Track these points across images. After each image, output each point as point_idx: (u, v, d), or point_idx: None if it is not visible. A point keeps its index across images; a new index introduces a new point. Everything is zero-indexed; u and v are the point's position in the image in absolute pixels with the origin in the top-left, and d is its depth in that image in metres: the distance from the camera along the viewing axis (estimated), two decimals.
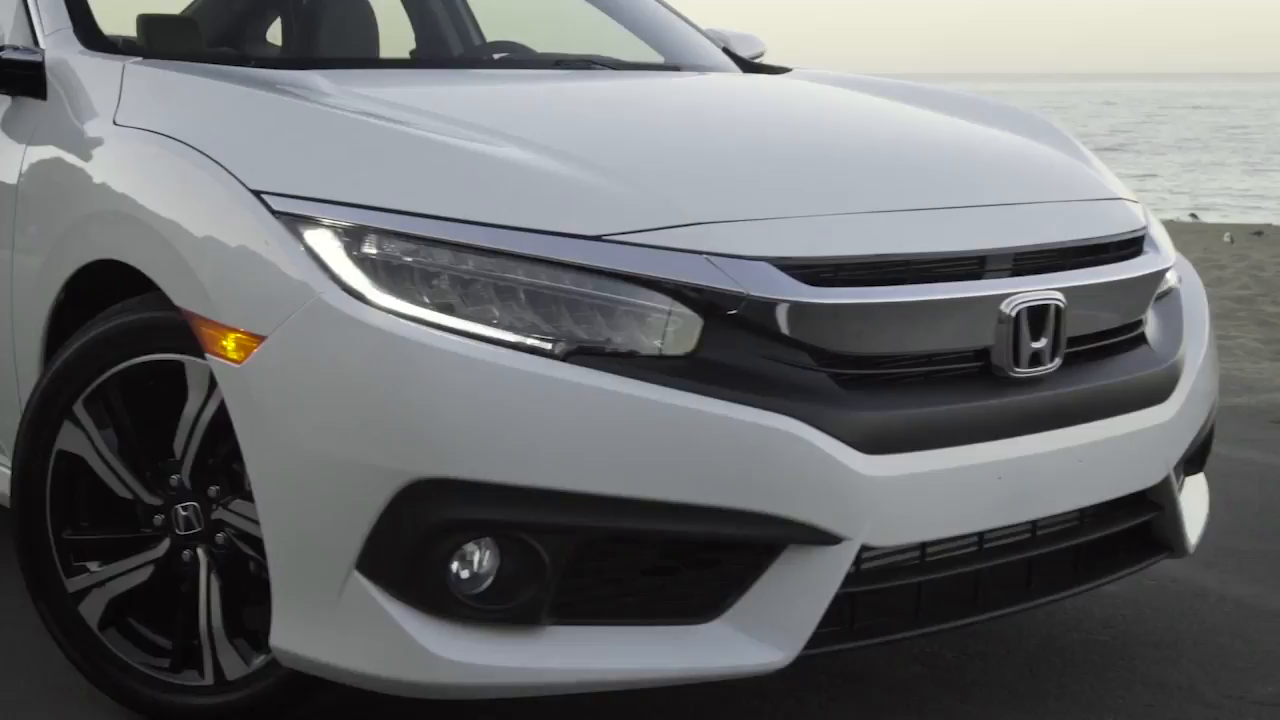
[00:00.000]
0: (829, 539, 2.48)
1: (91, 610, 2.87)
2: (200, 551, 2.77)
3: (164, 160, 2.75)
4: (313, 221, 2.51)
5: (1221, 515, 4.20)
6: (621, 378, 2.41)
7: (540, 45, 4.62)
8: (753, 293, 2.46)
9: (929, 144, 3.18)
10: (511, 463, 2.38)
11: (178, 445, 2.76)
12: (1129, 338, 2.94)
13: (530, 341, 2.42)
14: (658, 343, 2.46)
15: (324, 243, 2.49)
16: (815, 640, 2.52)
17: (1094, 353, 2.86)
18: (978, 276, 2.69)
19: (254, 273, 2.53)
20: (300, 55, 4.43)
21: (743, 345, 2.48)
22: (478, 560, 2.44)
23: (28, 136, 3.19)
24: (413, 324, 2.41)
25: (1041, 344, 2.69)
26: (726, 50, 4.26)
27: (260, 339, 2.50)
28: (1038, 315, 2.69)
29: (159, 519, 2.81)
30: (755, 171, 2.78)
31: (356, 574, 2.44)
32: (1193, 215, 18.65)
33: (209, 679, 2.79)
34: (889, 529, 2.53)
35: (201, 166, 2.66)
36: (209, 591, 2.77)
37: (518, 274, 2.45)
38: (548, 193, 2.55)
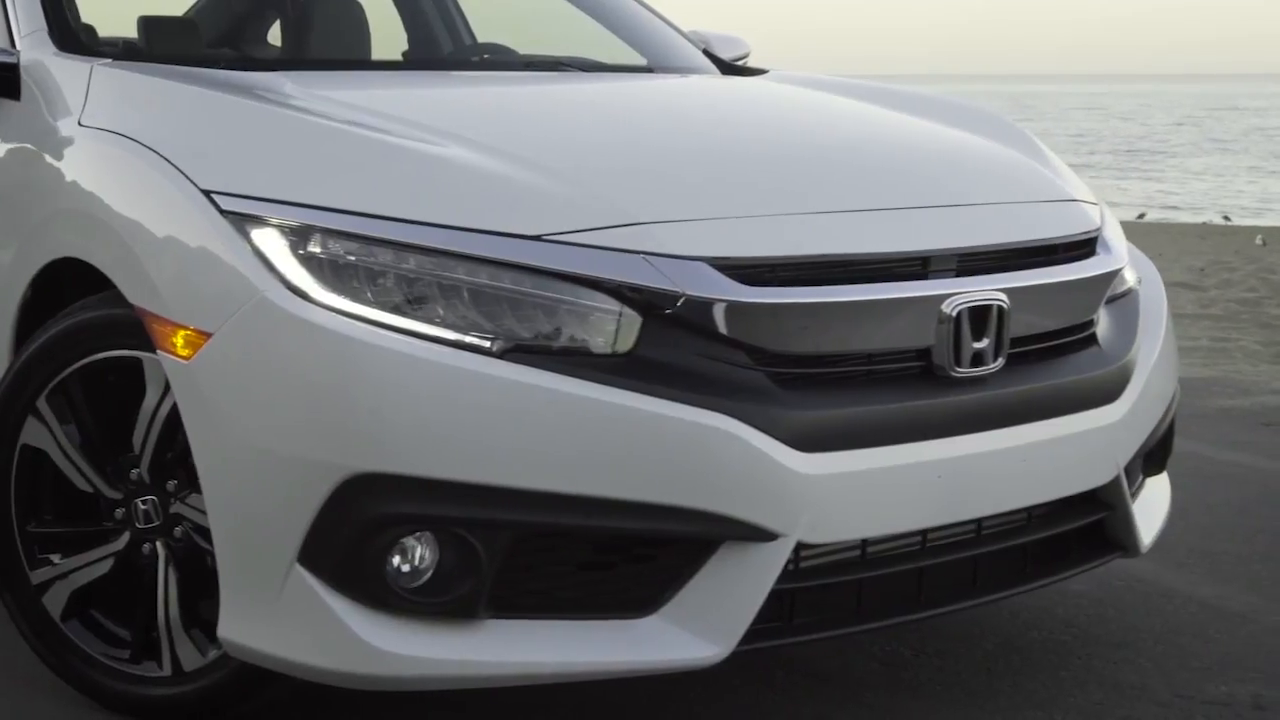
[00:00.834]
0: (764, 536, 2.51)
1: (54, 602, 2.93)
2: (159, 544, 2.82)
3: (123, 161, 2.80)
4: (260, 221, 2.56)
5: (1199, 516, 4.24)
6: (559, 375, 2.45)
7: (528, 48, 4.67)
8: (689, 292, 2.50)
9: (883, 145, 3.21)
10: (448, 458, 2.42)
11: (136, 440, 2.81)
12: (1078, 338, 2.96)
13: (469, 340, 2.46)
14: (597, 341, 2.50)
15: (270, 242, 2.53)
16: (751, 636, 2.55)
17: (1041, 353, 2.88)
18: (921, 277, 2.72)
19: (202, 271, 2.58)
20: (291, 57, 4.48)
21: (681, 344, 2.52)
22: (416, 554, 2.49)
23: (1, 135, 3.25)
24: (353, 321, 2.45)
25: (984, 344, 2.72)
26: (707, 52, 4.29)
27: (207, 336, 2.55)
28: (980, 316, 2.71)
29: (119, 512, 2.86)
30: (702, 172, 2.81)
31: (298, 567, 2.48)
32: (1225, 218, 18.57)
33: (167, 670, 2.84)
34: (825, 526, 2.56)
35: (156, 167, 2.72)
36: (167, 584, 2.82)
37: (458, 273, 2.50)
38: (490, 193, 2.59)
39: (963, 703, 3.03)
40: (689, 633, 2.52)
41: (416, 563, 2.48)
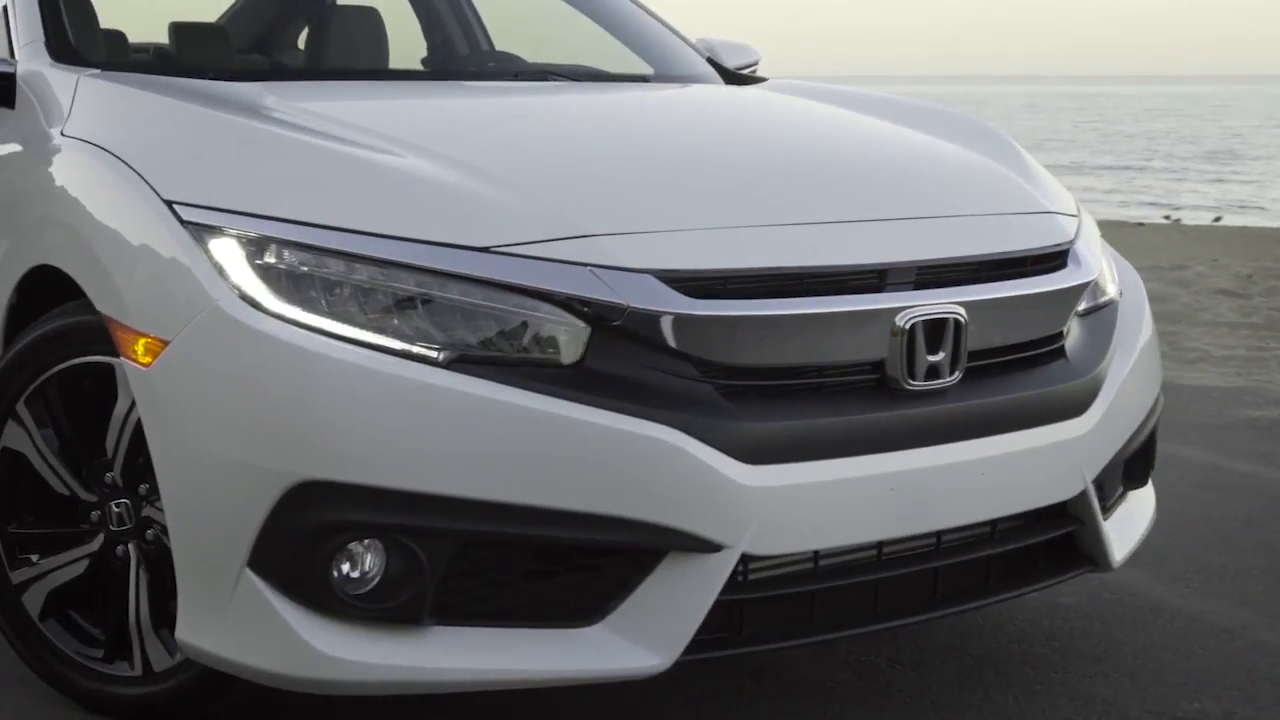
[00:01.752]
0: (708, 547, 2.53)
1: (33, 601, 2.99)
2: (131, 547, 2.88)
3: (95, 170, 2.86)
4: (218, 231, 2.60)
5: (1204, 528, 4.21)
6: (505, 386, 2.48)
7: (541, 56, 4.72)
8: (633, 305, 2.52)
9: (855, 156, 3.22)
10: (392, 467, 2.45)
11: (109, 444, 2.87)
12: (1045, 351, 2.95)
13: (417, 350, 2.49)
14: (544, 353, 2.53)
15: (226, 252, 2.58)
16: (697, 646, 2.57)
17: (1004, 365, 2.87)
18: (878, 289, 2.72)
19: (162, 280, 2.63)
20: (307, 66, 4.54)
21: (627, 356, 2.54)
22: (363, 560, 2.52)
23: (16, 138, 3.32)
24: (302, 331, 2.49)
25: (939, 357, 2.72)
26: (711, 61, 4.30)
27: (165, 343, 2.60)
28: (935, 329, 2.71)
29: (95, 515, 2.92)
30: (659, 184, 2.83)
31: (249, 571, 2.53)
32: None
33: (138, 670, 2.90)
34: (772, 539, 2.57)
35: (124, 176, 2.77)
36: (138, 585, 2.88)
37: (407, 284, 2.53)
38: (442, 204, 2.62)
39: (929, 715, 3.02)
40: (632, 643, 2.54)
41: (363, 569, 2.52)
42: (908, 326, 2.68)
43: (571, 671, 2.55)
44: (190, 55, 4.09)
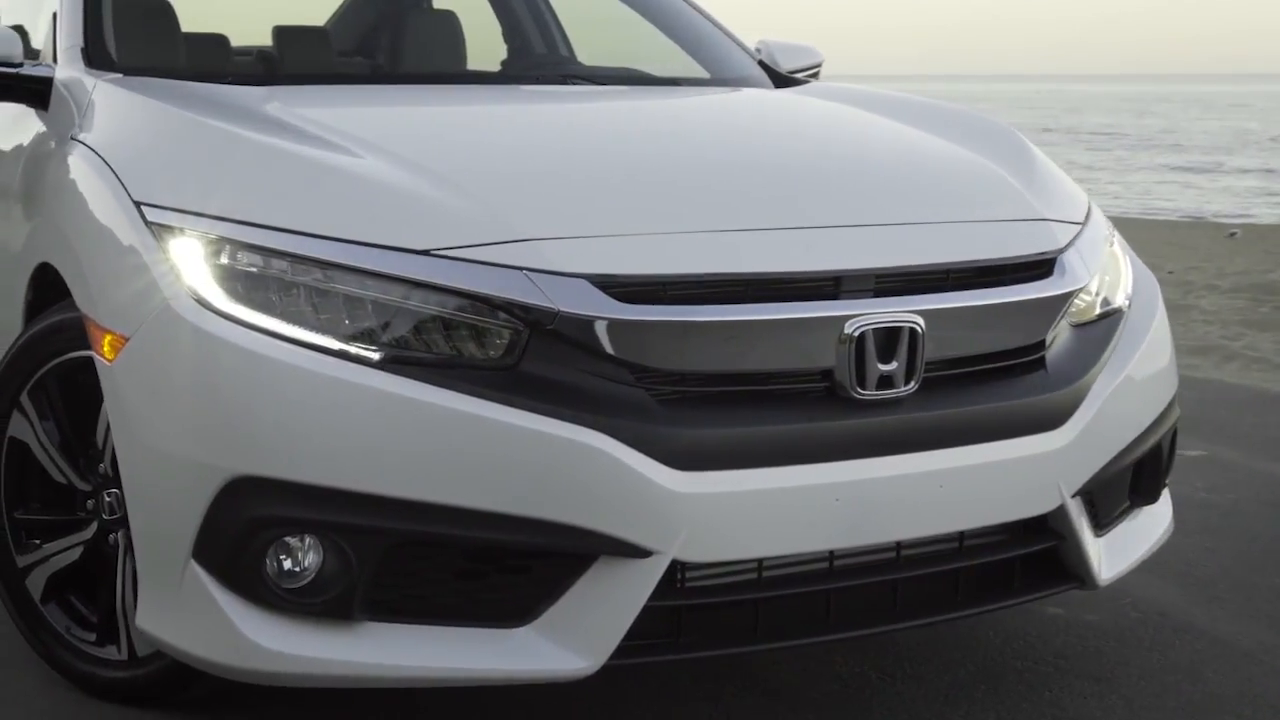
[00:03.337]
0: (637, 553, 2.53)
1: (35, 584, 3.12)
2: (120, 535, 2.98)
3: (84, 172, 2.97)
4: (177, 231, 2.68)
5: (1248, 548, 4.06)
6: (434, 388, 2.51)
7: (602, 60, 4.76)
8: (563, 309, 2.53)
9: (835, 162, 3.18)
10: (323, 465, 2.51)
11: (99, 436, 2.98)
12: (1021, 361, 2.88)
13: (352, 350, 2.54)
14: (480, 355, 2.56)
15: (182, 252, 2.66)
16: (629, 651, 2.57)
17: (971, 376, 2.82)
18: (833, 297, 2.69)
19: (126, 278, 2.73)
20: (370, 71, 4.62)
21: (562, 360, 2.55)
22: (298, 555, 2.58)
23: (30, 142, 3.47)
24: (244, 330, 2.56)
25: (891, 367, 2.67)
26: (763, 64, 4.28)
27: (126, 340, 2.69)
28: (888, 338, 2.67)
29: (90, 504, 3.04)
30: (612, 190, 2.83)
31: (193, 563, 2.61)
32: None
33: (124, 654, 3.00)
34: (704, 545, 2.56)
35: (104, 178, 2.88)
36: (124, 572, 2.98)
37: (348, 285, 2.58)
38: (390, 207, 2.67)
39: None
40: (560, 645, 2.56)
41: (297, 563, 2.57)
42: (856, 334, 2.64)
43: (500, 671, 2.57)
44: (292, 58, 4.22)
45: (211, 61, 4.01)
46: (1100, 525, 3.05)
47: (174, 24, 3.98)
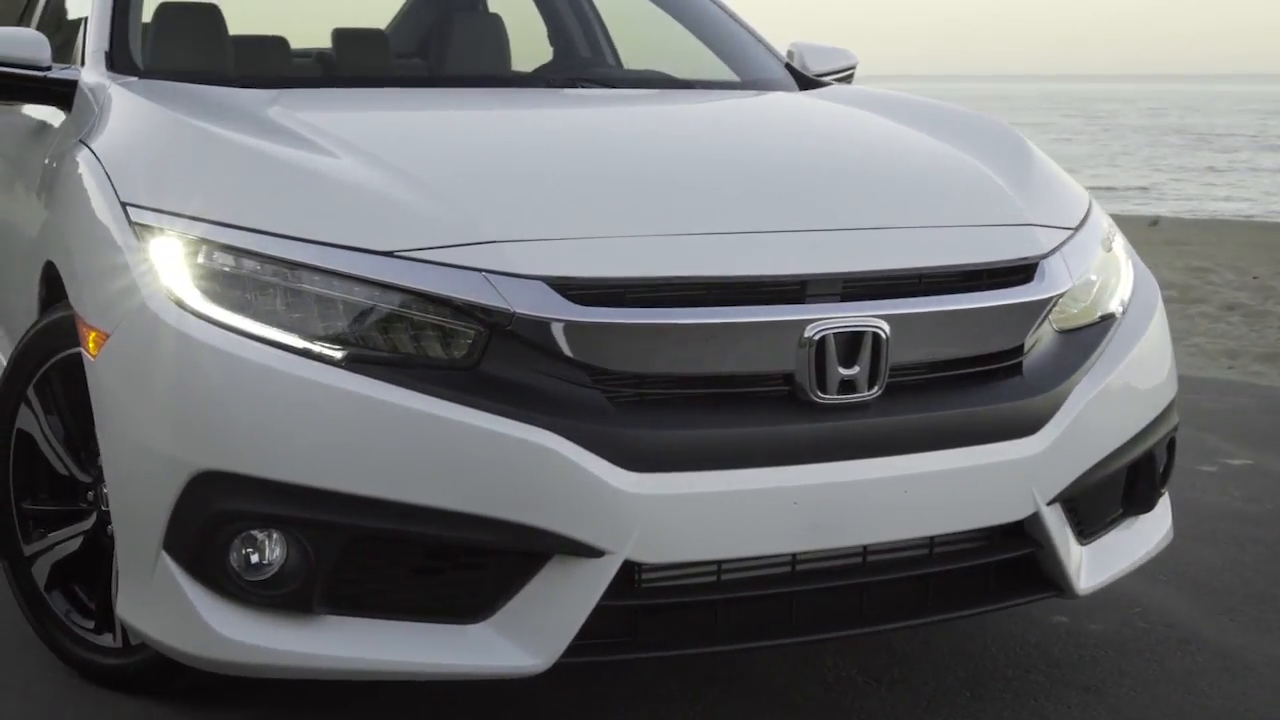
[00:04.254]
0: (589, 552, 2.56)
1: (40, 572, 3.22)
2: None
3: (84, 174, 3.06)
4: (157, 231, 2.76)
5: (1274, 561, 4.01)
6: (392, 387, 2.56)
7: (635, 62, 4.80)
8: (520, 311, 2.56)
9: (817, 166, 3.18)
10: (283, 461, 2.56)
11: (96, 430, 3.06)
12: (997, 367, 2.86)
13: (316, 349, 2.59)
14: (440, 356, 2.60)
15: (161, 251, 2.73)
16: (583, 649, 2.60)
17: (942, 381, 2.81)
18: (798, 300, 2.70)
19: (111, 277, 2.81)
20: (405, 73, 4.66)
21: (521, 361, 2.58)
22: (265, 548, 2.64)
23: (53, 143, 3.58)
24: (212, 327, 2.62)
25: (854, 371, 2.67)
26: (790, 67, 4.28)
27: (107, 337, 2.77)
28: (851, 342, 2.67)
29: (90, 495, 3.13)
30: (581, 192, 2.86)
31: (164, 554, 2.68)
32: None
33: (118, 643, 3.09)
34: (658, 546, 2.58)
35: (98, 178, 2.96)
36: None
37: (315, 285, 2.63)
38: (360, 209, 2.72)
39: None
40: (512, 643, 2.59)
41: (261, 556, 2.63)
42: (817, 338, 2.65)
43: (455, 667, 2.61)
44: (349, 60, 4.30)
45: (264, 64, 4.07)
46: (1085, 533, 3.02)
47: (219, 28, 4.06)
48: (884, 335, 2.69)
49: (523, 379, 2.58)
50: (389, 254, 2.63)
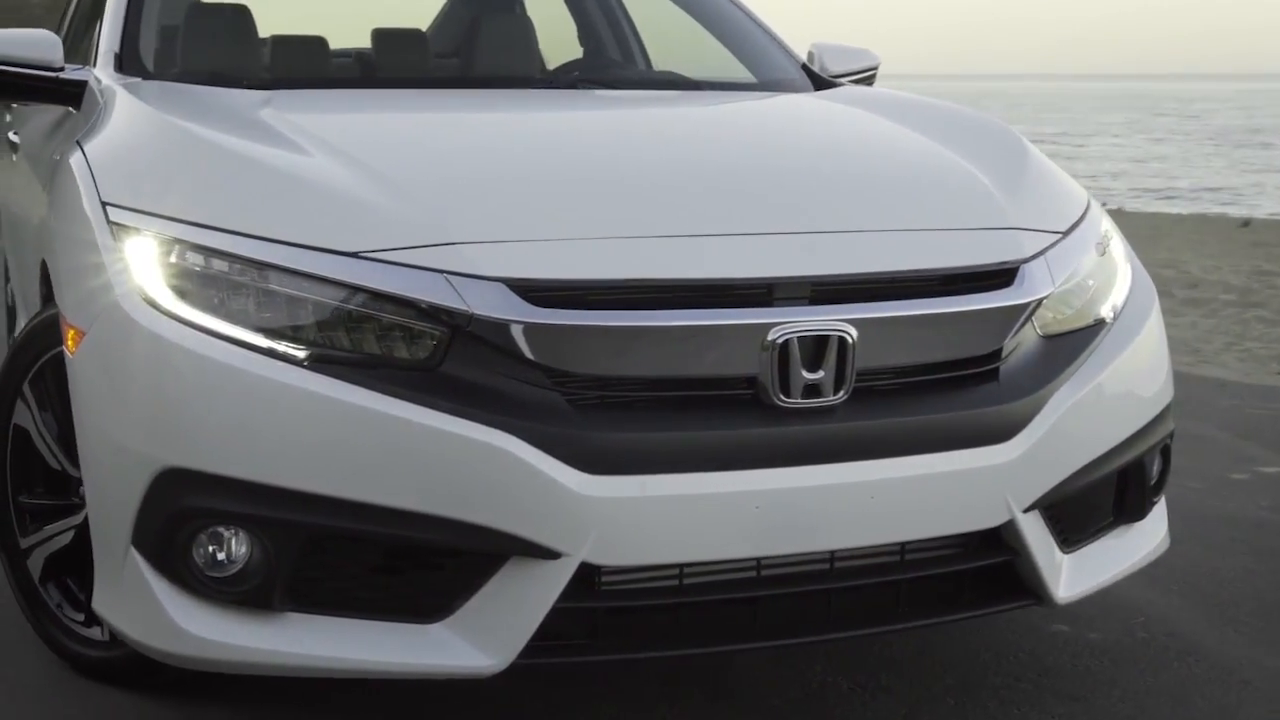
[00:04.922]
0: (546, 554, 2.56)
1: (35, 565, 3.27)
2: None
3: (73, 173, 3.10)
4: (134, 231, 2.79)
5: None
6: (353, 387, 2.57)
7: (667, 64, 4.79)
8: (478, 313, 2.57)
9: (796, 168, 3.16)
10: (243, 459, 2.59)
11: None
12: (972, 372, 2.83)
13: (280, 348, 2.61)
14: (403, 356, 2.61)
15: (136, 251, 2.77)
16: (541, 650, 2.61)
17: (912, 386, 2.78)
18: (764, 304, 2.68)
19: (88, 276, 2.85)
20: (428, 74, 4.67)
21: (481, 363, 2.59)
22: (230, 545, 2.66)
23: (60, 140, 3.64)
24: (180, 326, 2.65)
25: (818, 375, 2.65)
26: (806, 68, 4.25)
27: (84, 334, 2.81)
28: (815, 346, 2.65)
29: (81, 490, 3.16)
30: (549, 194, 2.85)
31: (133, 549, 2.71)
32: None
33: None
34: (616, 549, 2.58)
35: (84, 178, 3.00)
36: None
37: (281, 285, 2.65)
38: (328, 210, 2.73)
39: None
40: (469, 643, 2.60)
41: (225, 553, 2.66)
42: (780, 342, 2.63)
43: (413, 666, 2.62)
44: (388, 61, 4.33)
45: (302, 64, 4.09)
46: (1070, 541, 2.98)
47: (249, 28, 4.10)
48: (850, 340, 2.66)
49: (483, 380, 2.59)
50: (355, 255, 2.65)
